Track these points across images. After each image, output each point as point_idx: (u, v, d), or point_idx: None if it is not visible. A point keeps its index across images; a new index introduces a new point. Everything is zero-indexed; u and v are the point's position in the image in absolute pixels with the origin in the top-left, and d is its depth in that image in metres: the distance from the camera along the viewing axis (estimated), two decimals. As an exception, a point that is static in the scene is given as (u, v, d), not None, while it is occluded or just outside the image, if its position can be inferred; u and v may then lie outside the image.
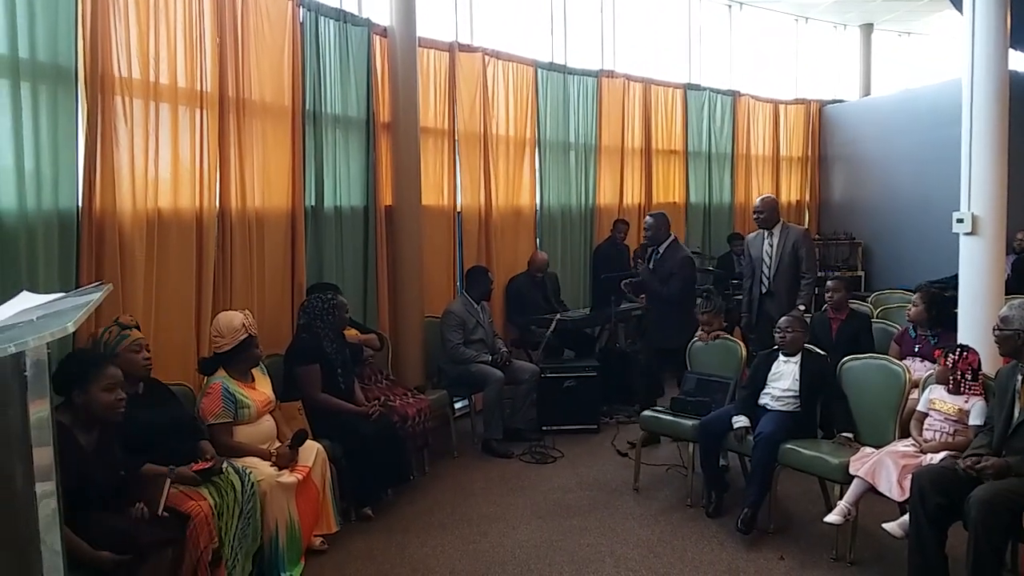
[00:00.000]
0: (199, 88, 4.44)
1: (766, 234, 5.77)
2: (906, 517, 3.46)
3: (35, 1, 3.55)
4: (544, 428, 5.92)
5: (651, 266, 5.89)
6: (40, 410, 1.46)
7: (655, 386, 6.02)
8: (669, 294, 5.73)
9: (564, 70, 7.67)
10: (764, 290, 5.78)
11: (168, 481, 3.23)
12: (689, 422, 4.67)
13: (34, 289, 3.16)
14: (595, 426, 6.09)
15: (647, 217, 6.02)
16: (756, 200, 6.00)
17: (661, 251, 5.84)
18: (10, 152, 3.50)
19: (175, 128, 4.32)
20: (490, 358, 5.79)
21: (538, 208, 7.47)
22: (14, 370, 1.40)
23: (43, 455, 1.44)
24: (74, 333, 1.93)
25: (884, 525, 3.56)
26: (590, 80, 7.92)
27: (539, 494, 4.86)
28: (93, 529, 2.84)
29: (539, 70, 7.38)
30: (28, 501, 1.42)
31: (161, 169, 4.23)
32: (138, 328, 3.62)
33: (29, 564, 1.43)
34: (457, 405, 5.90)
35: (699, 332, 5.23)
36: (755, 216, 5.88)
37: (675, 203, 9.12)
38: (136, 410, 3.33)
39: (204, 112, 4.48)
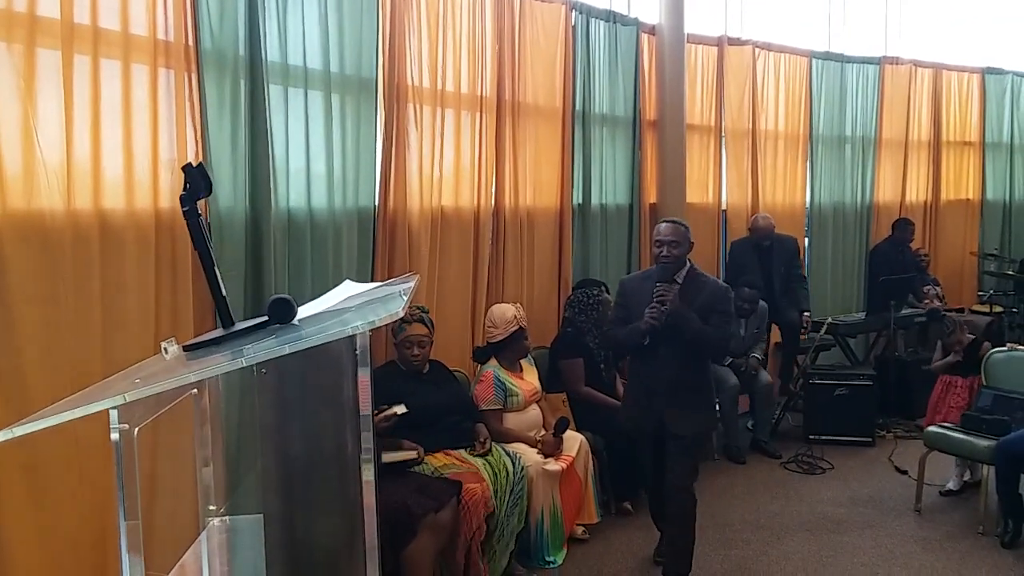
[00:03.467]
0: (479, 93, 4.73)
1: None
2: None
3: (344, 20, 3.95)
4: (811, 437, 5.60)
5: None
6: (366, 386, 1.62)
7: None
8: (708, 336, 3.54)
9: (841, 59, 7.19)
10: None
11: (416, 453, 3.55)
12: (984, 442, 4.20)
13: (339, 277, 3.57)
14: (869, 439, 5.66)
15: (663, 224, 3.62)
16: None
17: (681, 276, 3.59)
18: (322, 157, 3.94)
19: (458, 131, 4.64)
20: (729, 361, 5.58)
21: (808, 205, 7.08)
22: (348, 349, 1.56)
23: (366, 424, 1.61)
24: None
25: None
26: (871, 68, 7.36)
27: (806, 506, 4.61)
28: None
29: (813, 60, 6.99)
30: (356, 467, 1.58)
31: (445, 170, 4.56)
32: (424, 321, 3.90)
33: (353, 527, 1.59)
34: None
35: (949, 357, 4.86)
36: None
37: (968, 200, 8.22)
38: (420, 387, 3.65)
39: (483, 116, 4.76)
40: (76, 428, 2.52)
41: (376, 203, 4.22)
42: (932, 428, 4.54)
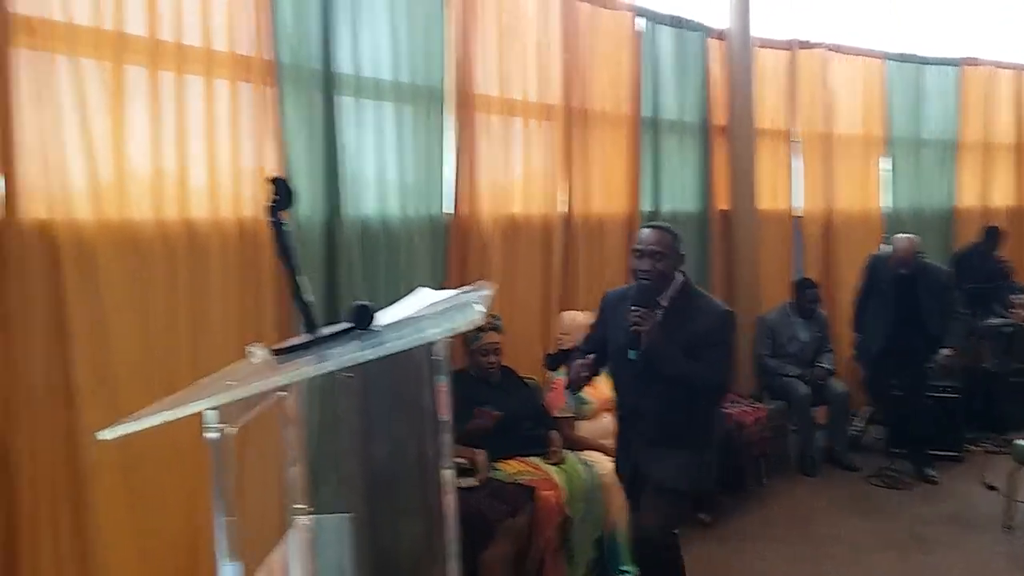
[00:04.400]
0: (547, 102, 4.74)
1: None
2: None
3: (413, 32, 3.99)
4: (894, 451, 5.42)
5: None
6: (444, 392, 1.63)
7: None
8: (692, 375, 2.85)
9: (918, 60, 6.99)
10: None
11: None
12: (1081, 457, 4.00)
13: (411, 285, 3.61)
14: (957, 453, 5.45)
15: (644, 230, 2.95)
16: None
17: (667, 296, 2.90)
18: (394, 167, 4.00)
19: (527, 140, 4.65)
20: (798, 372, 5.44)
21: (885, 212, 6.89)
22: (427, 356, 1.58)
23: (445, 429, 1.62)
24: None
25: None
26: (950, 70, 7.14)
27: (891, 521, 4.46)
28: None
29: (888, 62, 6.80)
30: (436, 472, 1.59)
31: (514, 178, 4.58)
32: (498, 329, 3.91)
33: (434, 531, 1.60)
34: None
35: None
36: None
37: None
38: (493, 394, 3.67)
39: (551, 124, 4.77)
40: (168, 429, 2.62)
41: (448, 211, 4.26)
42: (1020, 442, 4.35)
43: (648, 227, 2.93)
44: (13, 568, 2.60)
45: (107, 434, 1.30)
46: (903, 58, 6.91)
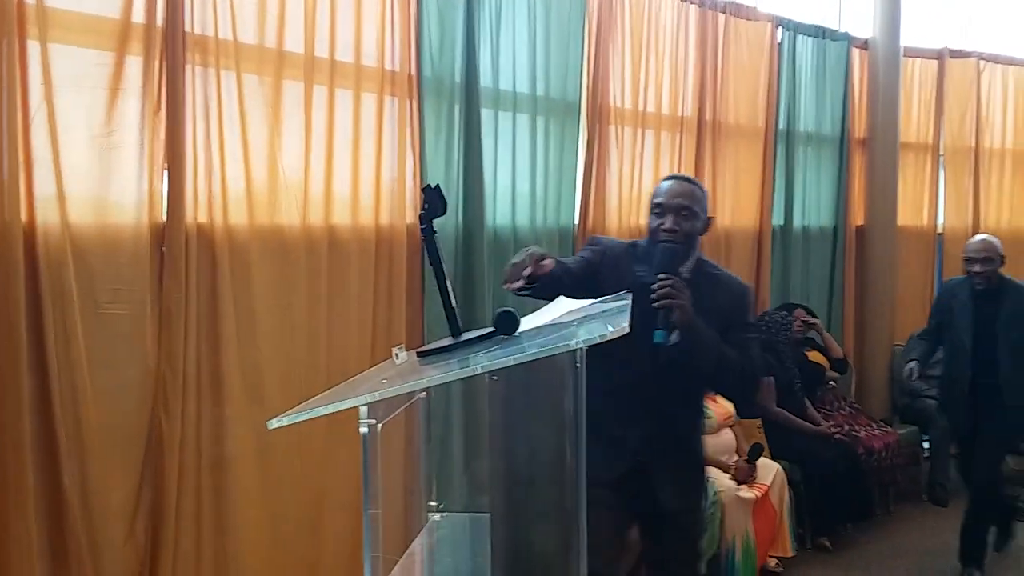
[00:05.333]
0: (680, 114, 4.71)
1: None
2: None
3: (551, 45, 4.06)
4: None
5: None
6: (582, 397, 1.67)
7: None
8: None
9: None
10: None
11: None
12: None
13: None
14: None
15: (667, 182, 2.42)
16: None
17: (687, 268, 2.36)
18: (527, 177, 4.07)
19: (657, 152, 4.65)
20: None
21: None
22: (570, 364, 1.62)
23: (582, 436, 1.65)
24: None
25: None
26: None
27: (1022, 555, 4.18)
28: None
29: (1048, 73, 6.39)
30: (573, 478, 1.63)
31: (644, 190, 4.58)
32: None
33: (567, 537, 1.63)
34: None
35: None
36: None
37: None
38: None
39: (683, 136, 4.74)
40: (299, 425, 2.78)
41: (576, 222, 4.30)
42: None
43: (671, 178, 2.44)
44: (155, 551, 2.77)
45: (275, 423, 1.41)
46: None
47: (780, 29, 5.18)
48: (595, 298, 1.95)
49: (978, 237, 3.98)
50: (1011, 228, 6.31)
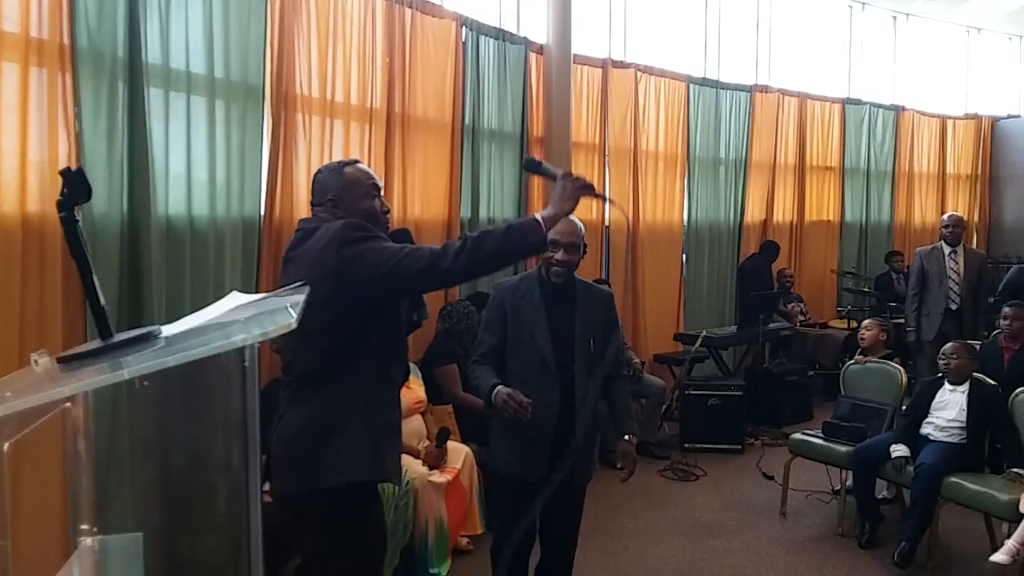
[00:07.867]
0: (369, 105, 4.72)
1: (948, 250, 5.71)
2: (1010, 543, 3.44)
3: (230, 25, 3.86)
4: (686, 445, 5.85)
5: None
6: (253, 398, 1.60)
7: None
8: None
9: (716, 85, 7.59)
10: (954, 307, 5.69)
11: None
12: (843, 448, 4.50)
13: (220, 288, 3.48)
14: (739, 446, 5.96)
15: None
16: (944, 215, 6.03)
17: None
18: (204, 164, 3.84)
19: (347, 142, 4.61)
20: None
21: (686, 224, 7.41)
22: (236, 362, 1.54)
23: (254, 440, 1.59)
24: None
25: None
26: (743, 95, 7.80)
27: (681, 511, 4.81)
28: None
29: (691, 85, 7.34)
30: (242, 484, 1.56)
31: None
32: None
33: (238, 545, 1.56)
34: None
35: (857, 355, 5.03)
36: (946, 230, 5.81)
37: (828, 221, 8.81)
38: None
39: (372, 128, 4.75)
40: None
41: (262, 212, 4.13)
42: (796, 435, 4.83)
43: None
44: None
45: None
46: (703, 82, 7.48)
47: (464, 28, 5.38)
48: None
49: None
50: (664, 222, 7.17)
